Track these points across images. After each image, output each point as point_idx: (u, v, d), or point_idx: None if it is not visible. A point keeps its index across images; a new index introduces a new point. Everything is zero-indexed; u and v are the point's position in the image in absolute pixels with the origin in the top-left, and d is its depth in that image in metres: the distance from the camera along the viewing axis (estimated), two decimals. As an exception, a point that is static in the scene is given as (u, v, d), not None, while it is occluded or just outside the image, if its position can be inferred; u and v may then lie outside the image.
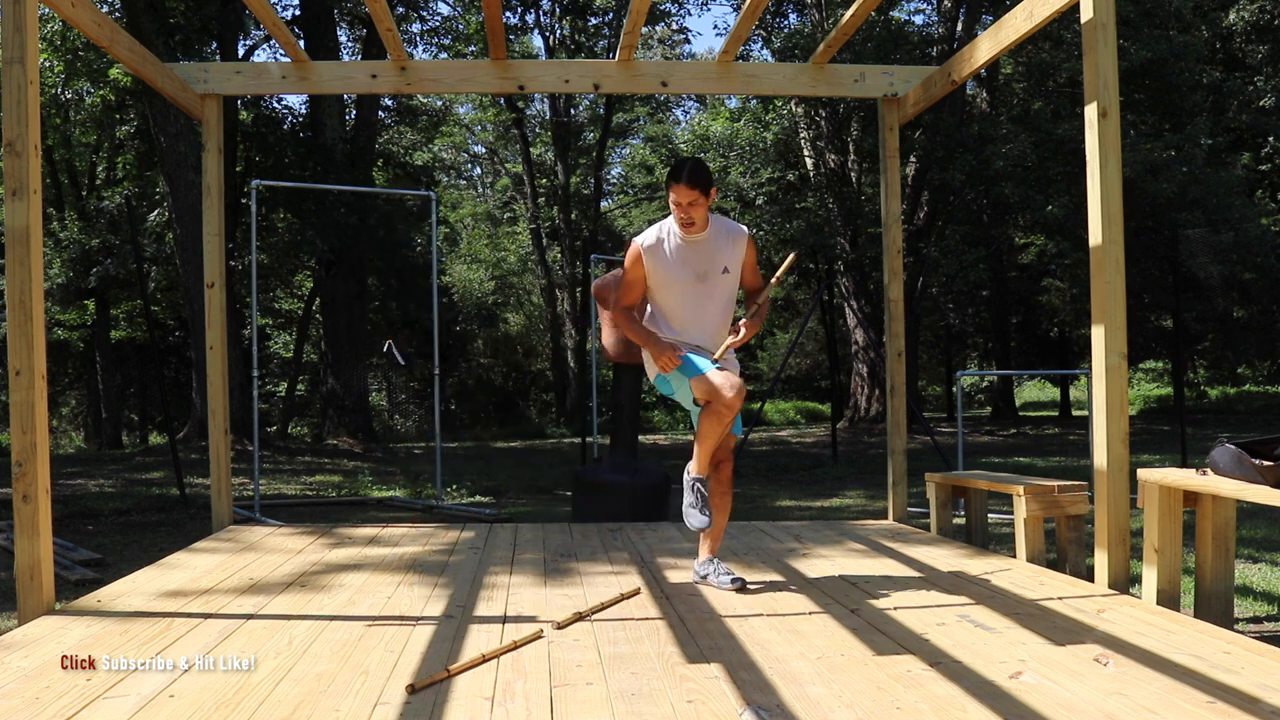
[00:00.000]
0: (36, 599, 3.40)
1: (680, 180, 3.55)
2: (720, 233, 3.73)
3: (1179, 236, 14.62)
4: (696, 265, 3.69)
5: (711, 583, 3.80)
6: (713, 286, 3.72)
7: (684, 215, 3.59)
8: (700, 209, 3.59)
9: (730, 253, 3.72)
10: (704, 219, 3.64)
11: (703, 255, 3.69)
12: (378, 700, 2.44)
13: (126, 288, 19.26)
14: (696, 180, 3.55)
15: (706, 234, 3.69)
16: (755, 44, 20.05)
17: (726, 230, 3.75)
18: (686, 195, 3.55)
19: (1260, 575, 4.97)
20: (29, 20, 3.48)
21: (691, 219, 3.59)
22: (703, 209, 3.60)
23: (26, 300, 3.48)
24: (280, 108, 18.89)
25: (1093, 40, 3.73)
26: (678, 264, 3.69)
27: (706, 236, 3.69)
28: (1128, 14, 15.29)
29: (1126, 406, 3.77)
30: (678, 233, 3.68)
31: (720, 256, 3.71)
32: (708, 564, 3.86)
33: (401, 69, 5.39)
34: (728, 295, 3.76)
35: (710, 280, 3.71)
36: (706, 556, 3.88)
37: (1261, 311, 21.22)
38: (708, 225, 3.68)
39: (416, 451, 16.08)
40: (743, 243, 3.75)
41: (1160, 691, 2.44)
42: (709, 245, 3.70)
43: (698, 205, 3.57)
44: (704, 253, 3.69)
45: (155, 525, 7.27)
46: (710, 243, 3.70)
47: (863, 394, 19.41)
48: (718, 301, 3.74)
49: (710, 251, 3.70)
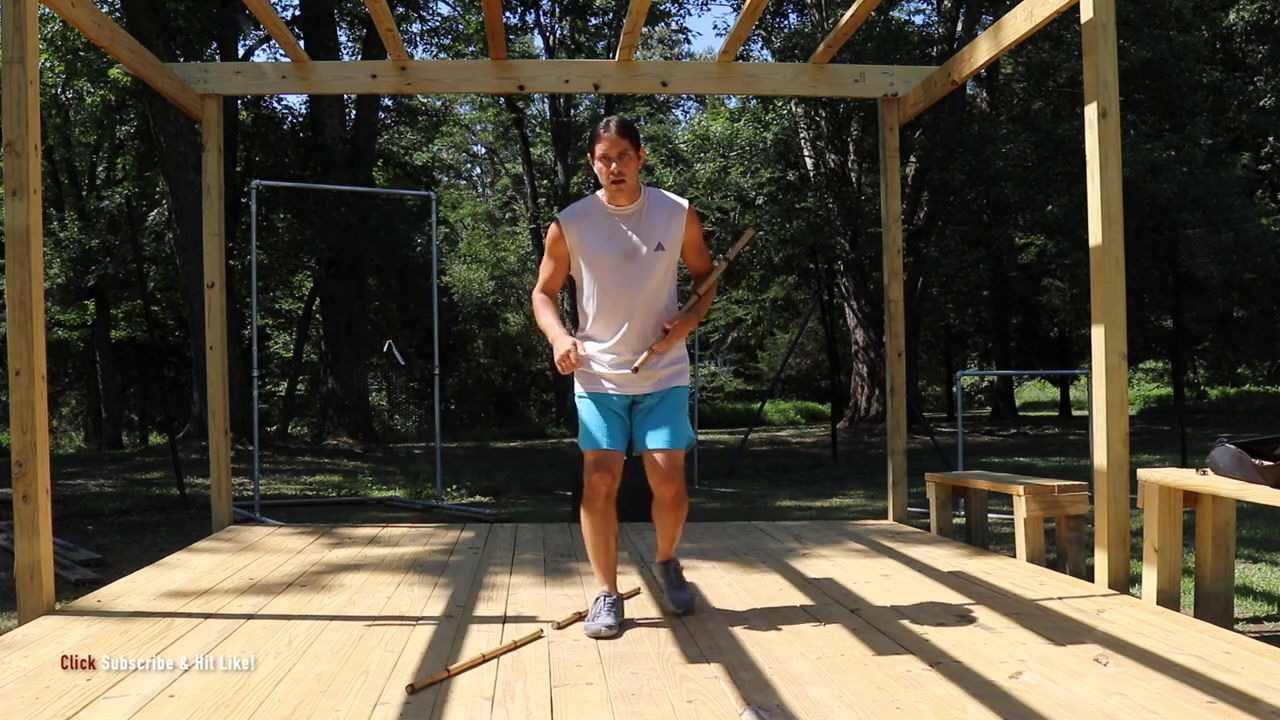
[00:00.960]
0: (36, 599, 3.40)
1: (609, 129, 3.09)
2: (656, 204, 3.21)
3: (1179, 236, 14.61)
4: (624, 240, 3.15)
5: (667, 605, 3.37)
6: (642, 266, 3.14)
7: (613, 171, 3.08)
8: (631, 165, 3.09)
9: (666, 227, 3.18)
10: (635, 181, 3.15)
11: (633, 230, 3.16)
12: (378, 700, 2.44)
13: (126, 288, 19.26)
14: (626, 130, 3.11)
15: (638, 204, 3.18)
16: (755, 44, 20.06)
17: (663, 202, 3.23)
18: (616, 145, 3.07)
19: (1260, 575, 4.96)
20: (29, 20, 3.48)
21: (621, 174, 3.08)
22: (634, 166, 3.10)
23: (26, 300, 3.48)
24: (280, 108, 18.91)
25: (1093, 40, 3.73)
26: (602, 239, 3.16)
27: (638, 207, 3.18)
28: (1128, 14, 15.28)
29: (1126, 406, 3.77)
30: (605, 206, 3.19)
31: (654, 231, 3.16)
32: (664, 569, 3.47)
33: (401, 69, 5.39)
34: (661, 278, 3.18)
35: (639, 259, 3.14)
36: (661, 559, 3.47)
37: (1261, 311, 21.22)
38: (639, 194, 3.19)
39: (416, 451, 16.07)
40: (681, 216, 3.21)
41: (1160, 691, 2.44)
42: (640, 218, 3.18)
43: (628, 159, 3.09)
44: (634, 226, 3.16)
45: (155, 525, 7.27)
46: (642, 215, 3.18)
47: (863, 394, 19.40)
48: (650, 285, 3.16)
49: (642, 225, 3.17)
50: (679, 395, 3.26)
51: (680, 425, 3.23)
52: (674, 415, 3.23)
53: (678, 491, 3.24)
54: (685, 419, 3.27)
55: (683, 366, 3.30)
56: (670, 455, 3.19)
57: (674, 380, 3.25)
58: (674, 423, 3.21)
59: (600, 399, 3.24)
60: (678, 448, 3.20)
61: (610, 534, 3.26)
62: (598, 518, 3.22)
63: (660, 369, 3.22)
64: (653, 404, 3.24)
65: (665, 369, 3.23)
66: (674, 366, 3.26)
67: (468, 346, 26.35)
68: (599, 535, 3.25)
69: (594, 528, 3.25)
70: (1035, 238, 19.88)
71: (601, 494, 3.19)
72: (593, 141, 3.14)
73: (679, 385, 3.27)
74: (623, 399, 3.25)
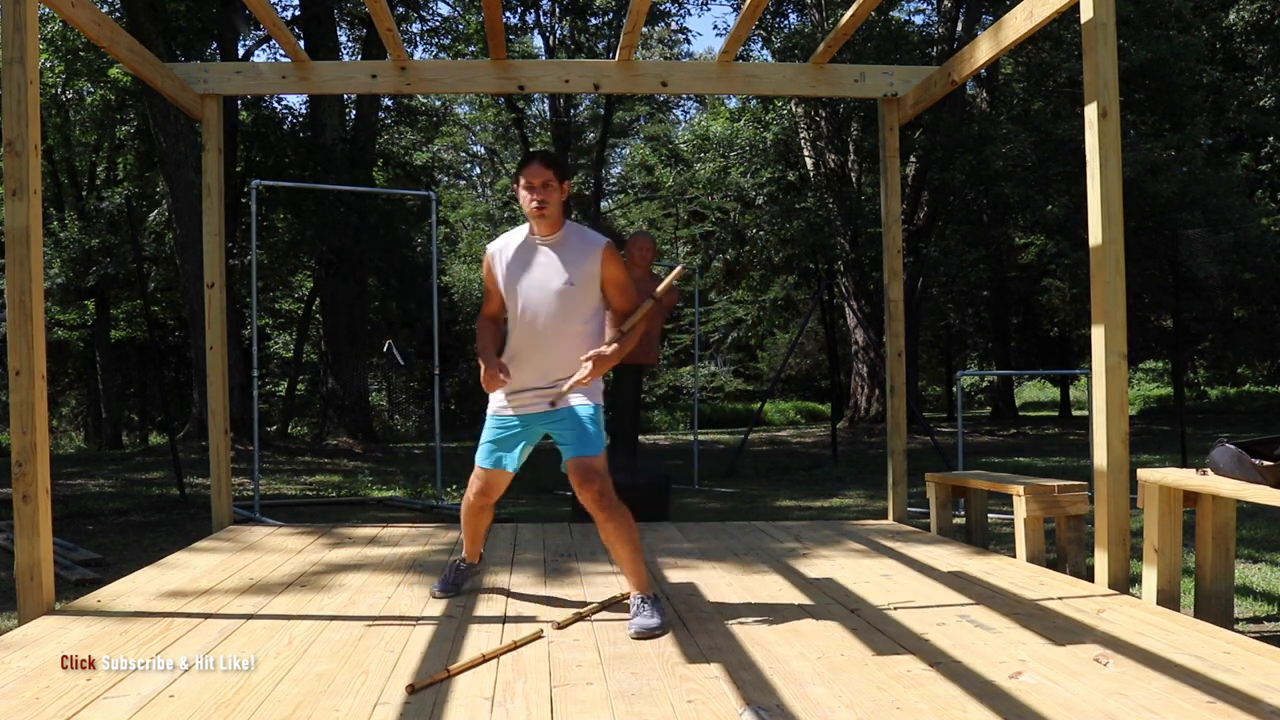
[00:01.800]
0: (36, 599, 3.40)
1: (535, 159, 3.24)
2: (575, 240, 3.30)
3: (1179, 236, 14.61)
4: (537, 273, 3.27)
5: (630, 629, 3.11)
6: (552, 298, 3.25)
7: (537, 199, 3.20)
8: (554, 194, 3.21)
9: (581, 264, 3.25)
10: (557, 212, 3.25)
11: (548, 262, 3.27)
12: (378, 700, 2.44)
13: (126, 287, 19.27)
14: (550, 162, 3.25)
15: (559, 237, 3.29)
16: (755, 44, 20.05)
17: (582, 237, 3.32)
18: (539, 175, 3.20)
19: (1260, 575, 4.97)
20: (29, 20, 3.48)
21: (545, 202, 3.20)
22: (556, 196, 3.22)
23: (26, 300, 3.48)
24: (280, 108, 18.91)
25: (1093, 40, 3.73)
26: (519, 270, 3.30)
27: (559, 240, 3.29)
28: (1128, 14, 15.29)
29: (1126, 406, 3.77)
30: (529, 237, 3.33)
31: (568, 265, 3.25)
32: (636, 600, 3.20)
33: (401, 69, 5.39)
34: (569, 310, 3.26)
35: (548, 291, 3.25)
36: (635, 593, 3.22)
37: (1261, 311, 21.22)
38: (561, 226, 3.29)
39: (416, 451, 16.07)
40: (597, 254, 3.26)
41: (1160, 691, 2.44)
42: (557, 252, 3.28)
43: (551, 189, 3.21)
44: (550, 260, 3.28)
45: (155, 525, 7.27)
46: (560, 250, 3.29)
47: (863, 394, 19.40)
48: (556, 316, 3.25)
49: (558, 259, 3.27)
50: (590, 409, 3.32)
51: (584, 435, 3.26)
52: (579, 427, 3.28)
53: (601, 492, 3.21)
54: (599, 429, 3.31)
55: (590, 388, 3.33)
56: (586, 463, 3.23)
57: (579, 397, 3.31)
58: (578, 432, 3.27)
59: (503, 421, 3.43)
60: (587, 455, 3.24)
61: (484, 524, 3.71)
62: (474, 514, 3.63)
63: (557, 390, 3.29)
64: (558, 419, 3.32)
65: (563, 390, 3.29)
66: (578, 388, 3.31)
67: (468, 346, 26.32)
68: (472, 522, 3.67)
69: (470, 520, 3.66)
70: (1035, 238, 19.89)
71: (482, 499, 3.56)
72: (518, 172, 3.28)
73: (584, 401, 3.31)
74: (524, 421, 3.39)
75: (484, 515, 3.65)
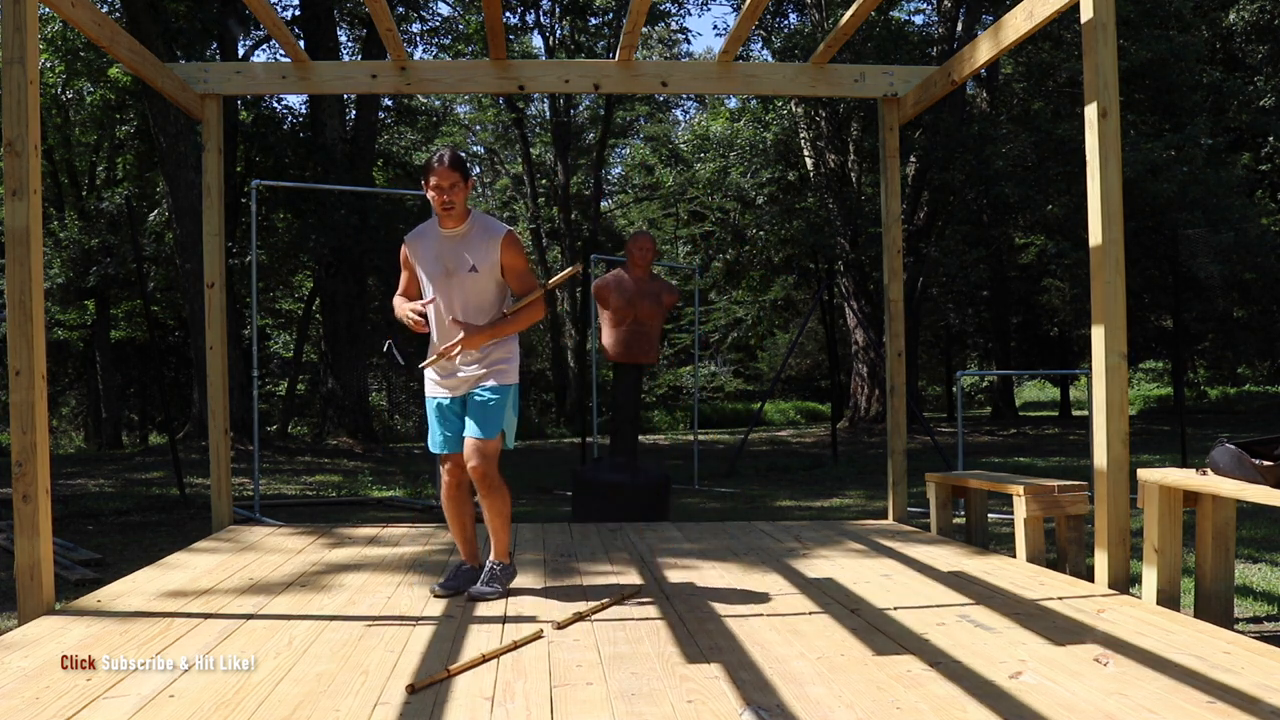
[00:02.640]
0: (36, 599, 3.40)
1: (443, 164, 3.52)
2: (478, 229, 3.64)
3: (1179, 236, 14.60)
4: (446, 260, 3.61)
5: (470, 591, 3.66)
6: (457, 284, 3.60)
7: (444, 199, 3.52)
8: (460, 194, 3.53)
9: (482, 251, 3.60)
10: (463, 208, 3.59)
11: (454, 250, 3.61)
12: (378, 700, 2.44)
13: (126, 287, 19.26)
14: (456, 164, 3.54)
15: (464, 228, 3.62)
16: (755, 44, 20.05)
17: (485, 227, 3.65)
18: (447, 178, 3.51)
19: (1260, 575, 4.97)
20: (29, 20, 3.48)
21: (452, 202, 3.52)
22: (461, 195, 3.54)
23: (26, 300, 3.48)
24: (280, 108, 18.91)
25: (1093, 40, 3.73)
26: (430, 258, 3.64)
27: (464, 231, 3.62)
28: (1128, 14, 15.28)
29: (1126, 406, 3.77)
30: (438, 229, 3.65)
31: (471, 253, 3.60)
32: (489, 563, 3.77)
33: (401, 69, 5.39)
34: (477, 294, 3.62)
35: (456, 277, 3.60)
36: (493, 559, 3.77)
37: (1261, 311, 21.21)
38: (466, 219, 3.63)
39: (416, 451, 16.07)
40: (497, 242, 3.61)
41: (1160, 691, 2.44)
42: (463, 241, 3.62)
43: (458, 189, 3.53)
44: (456, 248, 3.61)
45: (155, 525, 7.27)
46: (464, 239, 3.62)
47: (863, 394, 19.40)
48: (465, 299, 3.61)
49: (463, 247, 3.61)
50: (494, 391, 3.63)
51: (487, 418, 3.60)
52: (483, 409, 3.62)
53: (483, 474, 3.60)
54: (497, 414, 3.62)
55: (503, 368, 3.67)
56: (474, 443, 3.60)
57: (487, 380, 3.64)
58: (481, 416, 3.61)
59: (435, 402, 3.73)
60: (481, 437, 3.59)
61: (466, 515, 3.83)
62: (453, 505, 3.80)
63: (475, 371, 3.64)
64: (472, 400, 3.65)
65: (479, 371, 3.64)
66: (491, 368, 3.65)
67: (467, 346, 26.32)
68: (455, 518, 3.82)
69: (451, 512, 3.81)
70: (1035, 238, 19.88)
71: (453, 485, 3.75)
72: (427, 172, 3.55)
73: (492, 384, 3.64)
74: (453, 401, 3.71)
75: (463, 506, 3.80)
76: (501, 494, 3.70)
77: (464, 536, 3.84)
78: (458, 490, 3.76)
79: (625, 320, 6.20)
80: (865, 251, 17.74)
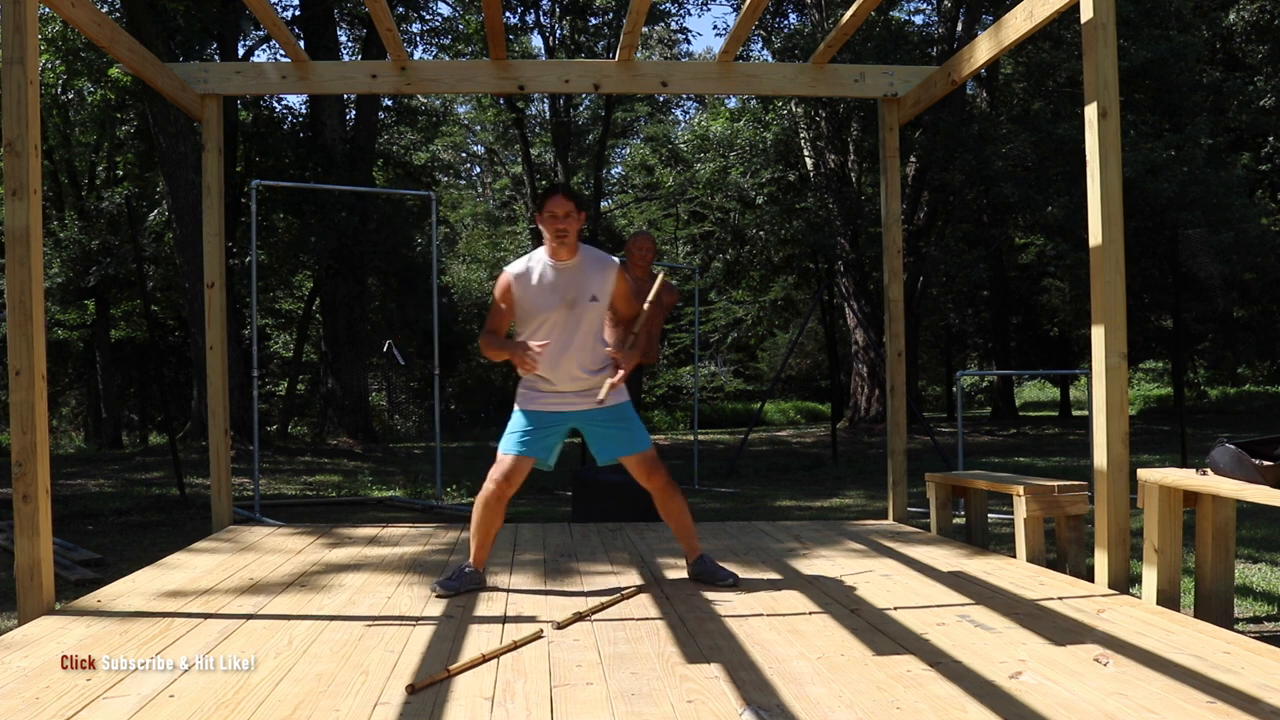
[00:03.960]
0: (36, 599, 3.40)
1: (558, 192, 3.63)
2: (590, 261, 3.73)
3: (1179, 236, 14.60)
4: (565, 292, 3.67)
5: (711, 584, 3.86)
6: (580, 315, 3.68)
7: (559, 227, 3.60)
8: (574, 224, 3.61)
9: (600, 281, 3.70)
10: (574, 239, 3.66)
11: (572, 282, 3.68)
12: (378, 700, 2.44)
13: (126, 287, 19.25)
14: (571, 194, 3.65)
15: (576, 260, 3.69)
16: (755, 44, 20.05)
17: (597, 259, 3.75)
18: (563, 206, 3.59)
19: (1260, 575, 4.96)
20: (29, 20, 3.48)
21: (567, 230, 3.59)
22: (575, 225, 3.62)
23: (26, 300, 3.48)
24: (280, 108, 18.90)
25: (1093, 40, 3.73)
26: (546, 291, 3.68)
27: (576, 263, 3.69)
28: (1128, 14, 15.28)
29: (1126, 406, 3.77)
30: (547, 261, 3.70)
31: (589, 284, 3.69)
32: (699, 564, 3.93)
33: (401, 69, 5.39)
34: (595, 325, 3.73)
35: (579, 308, 3.67)
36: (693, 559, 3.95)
37: (1261, 311, 21.22)
38: (577, 250, 3.70)
39: (416, 451, 16.07)
40: (613, 273, 3.74)
41: (1160, 691, 2.44)
42: (578, 272, 3.69)
43: (572, 219, 3.61)
44: (573, 280, 3.68)
45: (155, 525, 7.27)
46: (579, 270, 3.70)
47: (863, 394, 19.39)
48: (585, 331, 3.70)
49: (579, 279, 3.69)
50: (624, 409, 3.81)
51: (633, 433, 3.79)
52: (627, 424, 3.79)
53: (665, 481, 3.81)
54: (638, 425, 3.83)
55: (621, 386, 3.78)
56: (639, 457, 3.77)
57: (615, 398, 3.74)
58: (626, 431, 3.78)
59: (536, 416, 3.76)
60: (645, 448, 3.78)
61: (497, 523, 3.79)
62: (489, 512, 3.74)
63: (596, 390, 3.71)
64: (604, 418, 3.75)
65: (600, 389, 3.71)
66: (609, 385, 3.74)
67: (468, 346, 26.35)
68: (488, 524, 3.76)
69: (485, 519, 3.75)
70: (1035, 238, 19.88)
71: (497, 495, 3.72)
72: (542, 202, 3.66)
73: (621, 401, 3.79)
74: (562, 419, 3.77)
75: (499, 511, 3.76)
76: (681, 493, 3.88)
77: (486, 543, 3.82)
78: (499, 500, 3.74)
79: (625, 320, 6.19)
80: (865, 251, 17.74)
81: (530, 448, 3.73)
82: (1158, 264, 16.69)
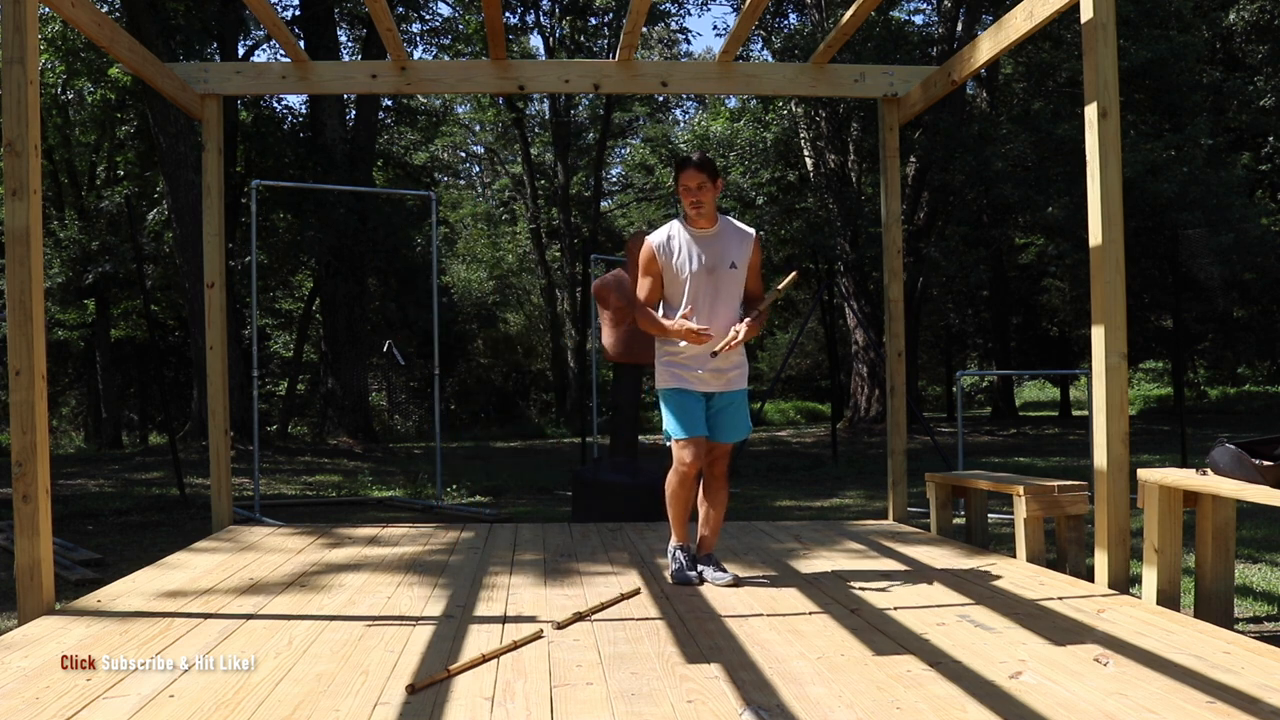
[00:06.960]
0: (36, 599, 3.40)
1: (690, 165, 3.74)
2: (729, 229, 3.87)
3: (1179, 236, 14.60)
4: (706, 258, 3.79)
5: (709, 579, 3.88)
6: (720, 280, 3.80)
7: (693, 199, 3.73)
8: (708, 194, 3.74)
9: (739, 249, 3.84)
10: (711, 209, 3.79)
11: (712, 249, 3.80)
12: (378, 700, 2.44)
13: (126, 287, 19.25)
14: (705, 165, 3.75)
15: (715, 229, 3.82)
16: (755, 44, 20.04)
17: (735, 228, 3.90)
18: (695, 178, 3.72)
19: (1260, 575, 4.96)
20: (29, 20, 3.48)
21: (700, 201, 3.72)
22: (710, 195, 3.75)
23: (26, 300, 3.48)
24: (280, 108, 18.90)
25: (1093, 40, 3.73)
26: (689, 257, 3.80)
27: (715, 231, 3.82)
28: (1128, 14, 15.28)
29: (1126, 406, 3.77)
30: (685, 229, 3.82)
31: (729, 251, 3.82)
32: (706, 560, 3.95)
33: (401, 69, 5.39)
34: (735, 290, 3.84)
35: (718, 273, 3.79)
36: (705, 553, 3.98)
37: (1261, 311, 21.21)
38: (715, 219, 3.83)
39: (416, 451, 16.07)
40: (750, 242, 3.88)
41: (1160, 691, 2.44)
42: (718, 239, 3.82)
43: (705, 190, 3.73)
44: (713, 246, 3.81)
45: (155, 525, 7.27)
46: (719, 237, 3.83)
47: (863, 394, 19.39)
48: (725, 295, 3.82)
49: (719, 245, 3.82)
50: (744, 396, 3.96)
51: (744, 420, 3.94)
52: (740, 413, 3.93)
53: (725, 472, 3.97)
54: (747, 414, 3.98)
55: (745, 370, 3.95)
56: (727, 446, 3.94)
57: (740, 382, 3.91)
58: (740, 419, 3.92)
59: (685, 393, 3.83)
60: (736, 440, 3.95)
61: (692, 498, 3.89)
62: (686, 490, 3.84)
63: (730, 371, 3.85)
64: (725, 404, 3.87)
65: (733, 371, 3.87)
66: (741, 369, 3.91)
67: (468, 346, 26.34)
68: (686, 501, 3.86)
69: (682, 495, 3.84)
70: (1035, 238, 19.88)
71: (692, 473, 3.81)
72: (677, 174, 3.81)
73: (741, 386, 3.94)
74: (704, 394, 3.85)
75: (693, 488, 3.87)
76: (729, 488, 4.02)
77: (684, 514, 3.90)
78: (693, 476, 3.84)
79: (625, 320, 6.20)
80: (865, 251, 17.73)
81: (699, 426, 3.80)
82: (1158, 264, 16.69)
